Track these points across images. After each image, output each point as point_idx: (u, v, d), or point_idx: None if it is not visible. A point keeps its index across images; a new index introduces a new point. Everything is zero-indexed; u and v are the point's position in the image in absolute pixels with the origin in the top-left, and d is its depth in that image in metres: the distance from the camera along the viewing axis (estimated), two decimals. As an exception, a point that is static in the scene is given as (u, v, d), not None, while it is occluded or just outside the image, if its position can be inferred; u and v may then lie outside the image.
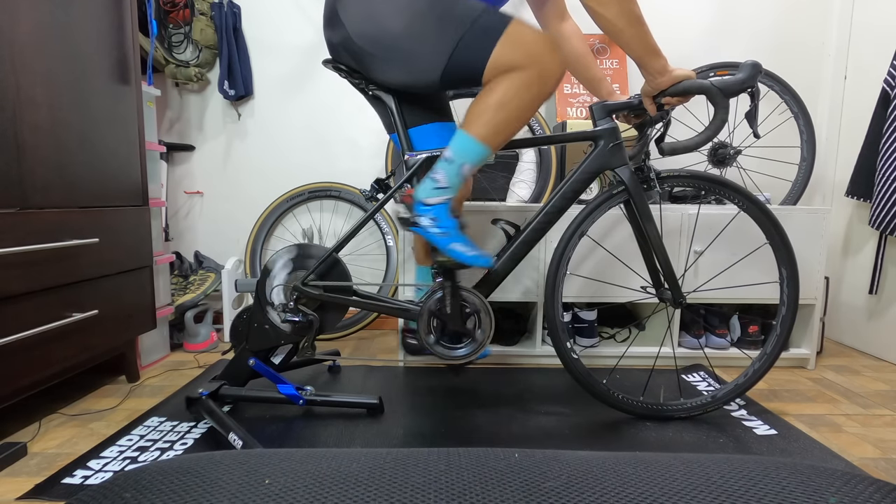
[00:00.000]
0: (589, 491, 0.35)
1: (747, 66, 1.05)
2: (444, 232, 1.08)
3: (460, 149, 1.06)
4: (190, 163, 2.09)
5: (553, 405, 1.35)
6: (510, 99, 1.01)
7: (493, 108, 1.02)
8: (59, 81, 1.19)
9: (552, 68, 1.01)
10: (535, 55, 0.99)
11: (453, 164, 1.06)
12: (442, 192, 1.07)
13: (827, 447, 1.15)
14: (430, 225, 1.08)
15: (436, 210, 1.08)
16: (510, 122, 1.03)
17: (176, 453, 1.09)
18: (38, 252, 1.13)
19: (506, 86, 1.01)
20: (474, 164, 1.07)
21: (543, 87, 1.02)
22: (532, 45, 1.00)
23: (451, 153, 1.07)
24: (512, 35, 1.00)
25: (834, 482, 0.35)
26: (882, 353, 1.82)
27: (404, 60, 1.04)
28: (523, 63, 1.00)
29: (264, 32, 2.03)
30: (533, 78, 1.00)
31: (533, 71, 1.00)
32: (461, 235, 1.09)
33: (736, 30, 2.07)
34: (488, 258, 1.09)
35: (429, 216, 1.08)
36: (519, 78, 1.00)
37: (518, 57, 1.00)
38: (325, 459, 0.39)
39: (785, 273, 1.24)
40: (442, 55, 1.01)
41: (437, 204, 1.08)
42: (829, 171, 2.08)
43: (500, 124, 1.03)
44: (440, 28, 1.00)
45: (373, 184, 1.26)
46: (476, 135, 1.04)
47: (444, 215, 1.08)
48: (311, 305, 1.26)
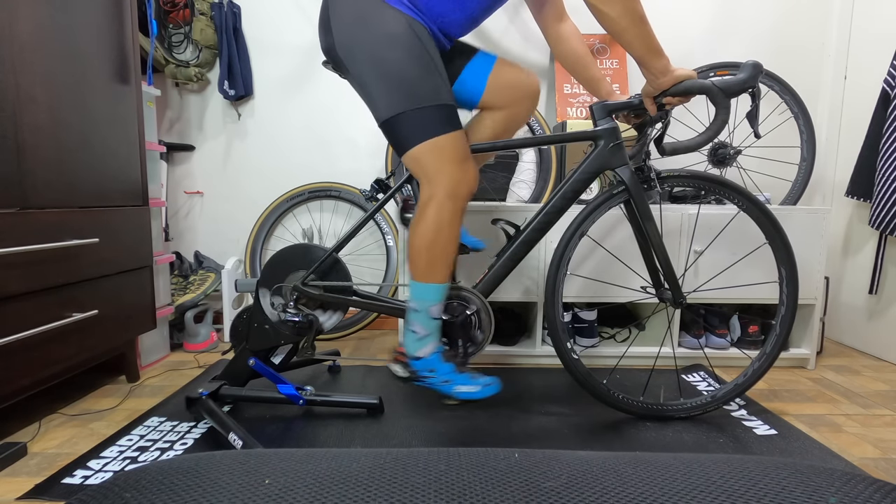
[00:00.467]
0: (589, 491, 0.35)
1: (748, 66, 1.05)
2: (444, 380, 1.11)
3: (416, 296, 1.10)
4: (190, 163, 2.09)
5: (553, 405, 1.35)
6: (431, 229, 1.06)
7: (423, 249, 1.07)
8: (59, 81, 1.19)
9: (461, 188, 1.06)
10: (444, 171, 1.04)
11: (421, 313, 1.10)
12: (426, 340, 1.11)
13: (827, 447, 1.15)
14: (430, 377, 1.12)
15: (430, 362, 1.11)
16: (444, 249, 1.08)
17: (176, 453, 1.09)
18: (38, 252, 1.13)
19: (422, 221, 1.06)
20: (438, 302, 1.11)
21: (456, 204, 1.06)
22: (449, 162, 1.04)
23: (413, 304, 1.11)
24: (438, 144, 1.04)
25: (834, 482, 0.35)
26: (882, 353, 1.82)
27: (366, 87, 1.07)
28: (433, 175, 1.05)
29: (264, 32, 2.03)
30: (442, 200, 1.05)
31: (440, 191, 1.05)
32: (461, 376, 1.12)
33: (736, 30, 2.07)
34: (493, 385, 1.13)
35: (426, 369, 1.12)
36: (430, 206, 1.05)
37: (433, 165, 1.05)
38: (325, 459, 0.39)
39: (784, 273, 1.24)
40: (387, 110, 1.05)
41: (428, 355, 1.11)
42: (829, 171, 2.08)
43: (435, 259, 1.07)
44: (398, 88, 1.03)
45: (373, 184, 1.26)
46: (421, 279, 1.09)
47: (439, 364, 1.12)
48: (312, 305, 1.26)
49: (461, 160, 1.06)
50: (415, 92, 1.02)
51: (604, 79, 1.27)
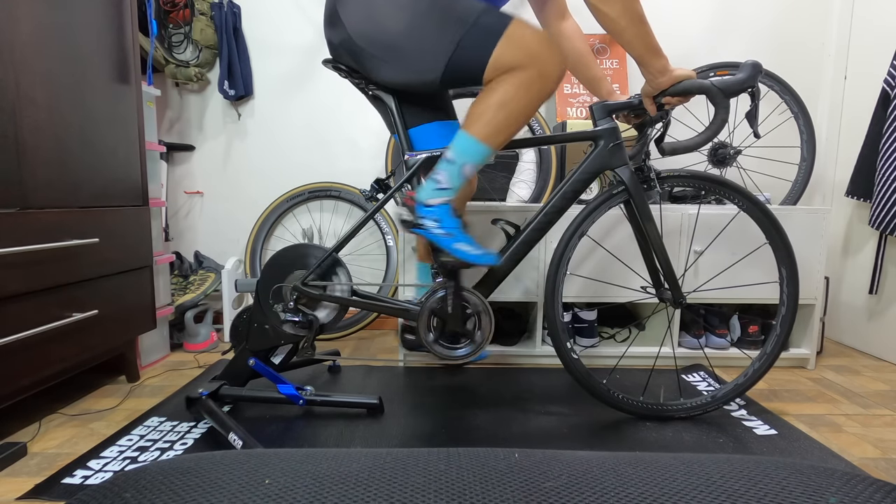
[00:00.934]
0: (589, 491, 0.35)
1: (747, 66, 1.05)
2: (447, 232, 1.07)
3: (461, 149, 1.06)
4: (190, 163, 2.09)
5: (553, 405, 1.35)
6: (511, 98, 1.01)
7: (493, 107, 1.02)
8: (59, 81, 1.19)
9: (552, 68, 1.01)
10: (535, 55, 1.00)
11: (454, 165, 1.06)
12: (444, 192, 1.07)
13: (827, 447, 1.15)
14: (433, 226, 1.08)
15: (438, 211, 1.08)
16: (511, 122, 1.03)
17: (176, 453, 1.09)
18: (38, 252, 1.13)
19: (506, 86, 1.02)
20: (476, 164, 1.07)
21: (544, 87, 1.02)
22: (532, 44, 1.00)
23: (452, 154, 1.07)
24: (512, 35, 1.00)
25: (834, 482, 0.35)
26: (882, 353, 1.82)
27: (404, 60, 1.04)
28: (524, 63, 1.00)
29: (264, 32, 2.03)
30: (533, 77, 1.00)
31: (533, 70, 1.00)
32: (465, 235, 1.09)
33: (736, 30, 2.07)
34: (493, 255, 1.09)
35: (431, 217, 1.08)
36: (519, 78, 1.01)
37: (518, 57, 1.00)
38: (325, 459, 0.39)
39: (785, 273, 1.24)
40: (442, 56, 1.02)
41: (439, 205, 1.08)
42: (829, 171, 2.08)
43: (500, 124, 1.03)
44: (440, 28, 1.00)
45: (373, 184, 1.26)
46: (477, 135, 1.04)
47: (447, 216, 1.08)
48: (312, 305, 1.26)
49: (544, 36, 1.01)
50: (460, 14, 1.00)
51: (605, 78, 1.27)
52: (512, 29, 1.00)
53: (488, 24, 1.00)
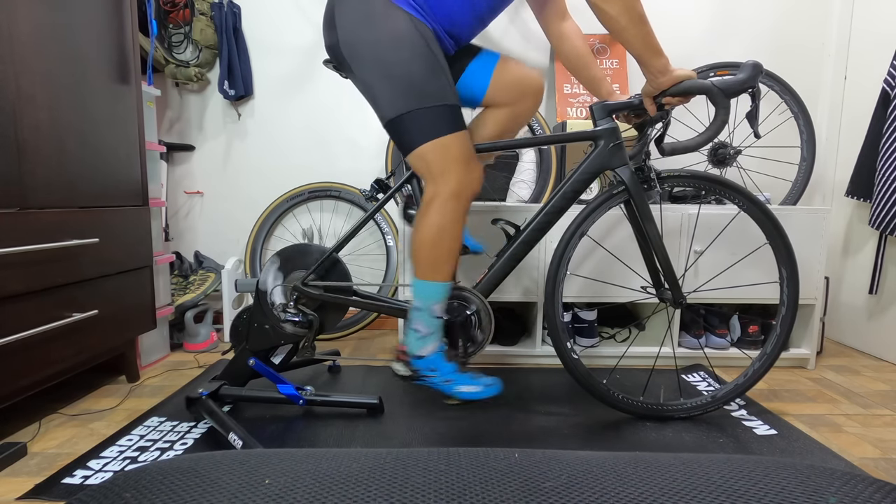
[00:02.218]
0: (589, 491, 0.35)
1: (748, 66, 1.05)
2: (446, 380, 1.11)
3: (420, 295, 1.11)
4: (190, 163, 2.09)
5: (553, 405, 1.35)
6: (434, 228, 1.06)
7: (426, 246, 1.07)
8: (59, 81, 1.19)
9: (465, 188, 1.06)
10: (450, 171, 1.05)
11: (423, 311, 1.11)
12: (428, 340, 1.12)
13: (827, 447, 1.15)
14: (431, 376, 1.12)
15: (432, 361, 1.12)
16: (447, 248, 1.08)
17: (176, 453, 1.09)
18: (38, 252, 1.13)
19: (426, 219, 1.06)
20: (440, 301, 1.11)
21: (459, 205, 1.07)
22: (453, 162, 1.05)
23: (416, 302, 1.11)
24: (443, 144, 1.04)
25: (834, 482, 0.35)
26: (882, 353, 1.82)
27: (370, 88, 1.07)
28: (437, 174, 1.05)
29: (264, 32, 2.03)
30: (446, 196, 1.05)
31: (444, 189, 1.05)
32: (462, 376, 1.12)
33: (736, 30, 2.07)
34: (494, 387, 1.13)
35: (428, 368, 1.12)
36: (435, 203, 1.06)
37: (437, 164, 1.05)
38: (325, 459, 0.39)
39: (785, 273, 1.24)
40: (392, 110, 1.05)
41: (430, 354, 1.12)
42: (829, 171, 2.08)
43: (438, 256, 1.08)
44: (404, 88, 1.03)
45: (373, 184, 1.26)
46: (424, 277, 1.09)
47: (441, 363, 1.12)
48: (311, 305, 1.26)
49: (466, 160, 1.06)
50: (420, 92, 1.02)
51: (605, 78, 1.27)
52: (447, 139, 1.04)
53: (434, 120, 1.04)
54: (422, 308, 1.10)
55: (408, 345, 1.13)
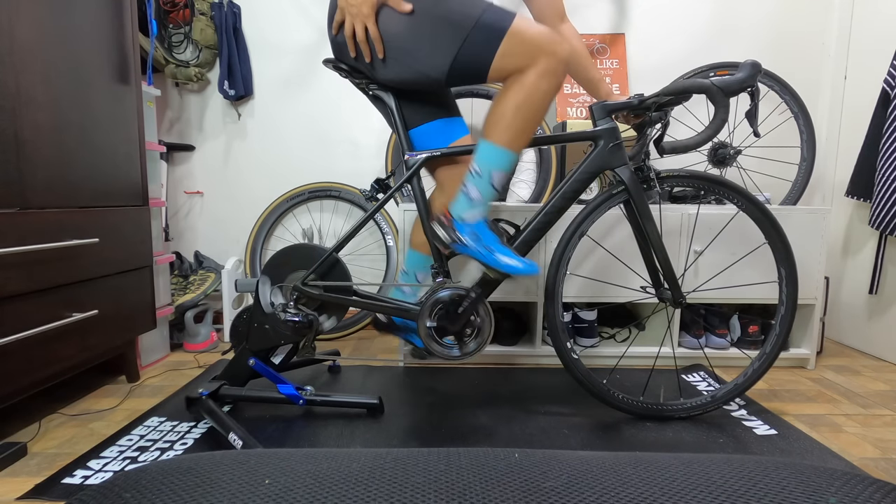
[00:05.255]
0: (589, 491, 0.35)
1: (747, 65, 1.05)
2: (487, 247, 1.08)
3: (487, 159, 1.06)
4: (190, 163, 2.09)
5: (553, 405, 1.35)
6: (524, 100, 1.02)
7: (510, 111, 1.03)
8: (59, 81, 1.19)
9: (558, 62, 1.02)
10: (540, 51, 1.00)
11: (483, 177, 1.07)
12: (477, 207, 1.08)
13: (827, 447, 1.15)
14: (472, 243, 1.08)
15: (476, 227, 1.08)
16: (529, 122, 1.04)
17: (176, 453, 1.09)
18: (38, 252, 1.13)
19: (517, 87, 1.02)
20: (504, 172, 1.07)
21: (553, 81, 1.03)
22: (537, 41, 1.01)
23: (478, 166, 1.07)
24: (516, 32, 1.01)
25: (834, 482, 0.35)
26: (882, 353, 1.82)
27: (408, 59, 1.05)
28: (529, 60, 1.01)
29: (264, 32, 2.03)
30: (541, 73, 1.01)
31: (540, 66, 1.01)
32: (504, 247, 1.09)
33: (736, 30, 2.07)
34: (535, 265, 1.09)
35: (470, 234, 1.08)
36: (528, 77, 1.01)
37: (524, 54, 1.01)
38: (325, 459, 0.39)
39: (784, 273, 1.24)
40: (447, 54, 1.02)
41: (475, 220, 1.08)
42: (829, 171, 2.08)
43: (519, 126, 1.04)
44: (444, 27, 1.01)
45: (373, 184, 1.26)
46: (499, 142, 1.05)
47: (485, 230, 1.09)
48: (311, 305, 1.25)
49: (543, 32, 1.02)
50: (463, 13, 1.00)
51: (603, 80, 1.27)
52: (516, 26, 1.01)
53: (491, 22, 1.01)
54: (482, 173, 1.06)
55: (454, 207, 1.09)
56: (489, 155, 1.06)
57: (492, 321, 1.19)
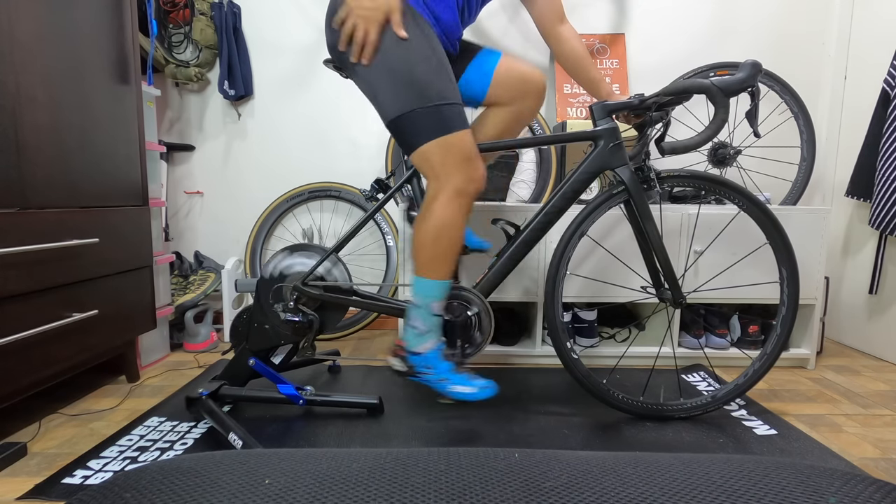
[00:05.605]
0: (589, 491, 0.35)
1: (747, 65, 1.05)
2: (441, 378, 1.12)
3: (419, 293, 1.11)
4: (190, 163, 2.09)
5: (553, 405, 1.35)
6: (436, 226, 1.06)
7: (427, 244, 1.07)
8: (59, 81, 1.19)
9: (467, 185, 1.06)
10: (455, 168, 1.04)
11: (422, 308, 1.11)
12: (426, 337, 1.12)
13: (827, 447, 1.15)
14: (427, 373, 1.12)
15: (428, 358, 1.12)
16: (448, 246, 1.08)
17: (176, 453, 1.09)
18: (38, 252, 1.13)
19: (429, 215, 1.06)
20: (440, 299, 1.11)
21: (463, 202, 1.07)
22: (457, 160, 1.04)
23: (415, 299, 1.11)
24: (448, 142, 1.04)
25: (834, 482, 0.35)
26: (882, 353, 1.82)
27: (372, 85, 1.07)
28: (441, 172, 1.05)
29: (264, 32, 2.03)
30: (450, 194, 1.05)
31: (449, 187, 1.05)
32: (458, 376, 1.12)
33: (736, 30, 2.07)
34: (489, 388, 1.12)
35: (423, 365, 1.12)
36: (438, 200, 1.06)
37: (440, 163, 1.05)
38: (325, 459, 0.39)
39: (785, 273, 1.24)
40: (394, 109, 1.05)
41: (427, 351, 1.12)
42: (829, 171, 2.08)
43: (439, 254, 1.08)
44: (406, 88, 1.03)
45: (373, 184, 1.26)
46: (425, 275, 1.09)
47: (437, 361, 1.12)
48: (311, 305, 1.26)
49: (469, 159, 1.06)
50: (423, 91, 1.02)
51: (603, 80, 1.27)
52: (451, 138, 1.04)
53: (437, 119, 1.03)
54: (420, 305, 1.11)
55: (405, 341, 1.13)
56: (420, 288, 1.11)
57: (492, 321, 1.19)
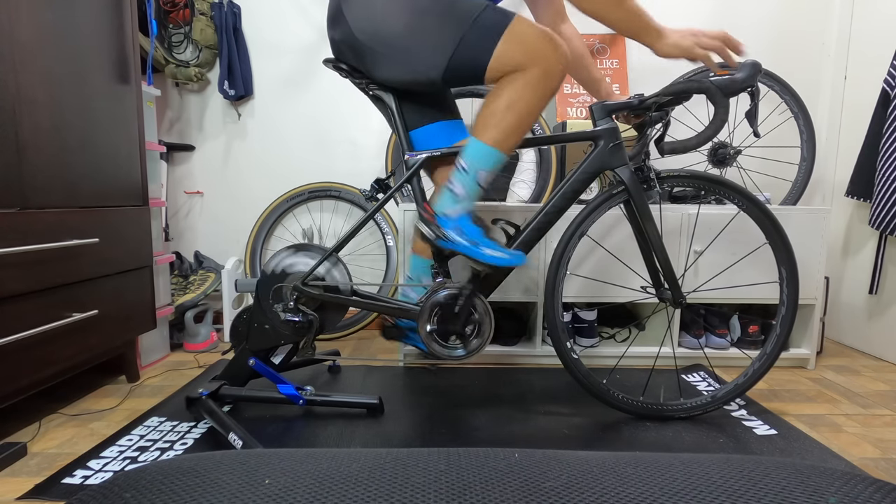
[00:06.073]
0: (589, 491, 0.35)
1: (747, 65, 1.05)
2: (472, 241, 1.07)
3: (474, 157, 1.06)
4: (190, 163, 2.09)
5: (553, 405, 1.35)
6: (517, 100, 1.01)
7: (501, 111, 1.02)
8: (59, 81, 1.19)
9: (555, 65, 1.01)
10: (537, 53, 1.00)
11: (469, 174, 1.06)
12: (461, 203, 1.08)
13: (827, 447, 1.15)
14: (456, 237, 1.07)
15: (459, 221, 1.08)
16: (520, 124, 1.04)
17: (176, 453, 1.09)
18: (38, 252, 1.13)
19: (511, 87, 1.02)
20: (490, 171, 1.07)
21: (549, 84, 1.02)
22: (534, 42, 1.00)
23: (465, 163, 1.06)
24: (514, 33, 1.00)
25: (834, 482, 0.35)
26: (882, 353, 1.82)
27: (406, 58, 1.04)
28: (526, 62, 1.00)
29: (264, 32, 2.03)
30: (538, 76, 1.00)
31: (537, 69, 1.00)
32: (489, 240, 1.08)
33: (736, 29, 2.07)
34: (521, 255, 1.08)
35: (454, 228, 1.08)
36: (524, 78, 1.01)
37: (521, 55, 1.00)
38: (325, 459, 0.39)
39: (785, 273, 1.24)
40: (444, 53, 1.02)
41: (458, 215, 1.08)
42: (829, 171, 2.08)
43: (510, 127, 1.03)
44: (442, 26, 1.00)
45: (373, 184, 1.26)
46: (488, 140, 1.04)
47: (469, 224, 1.08)
48: (311, 305, 1.25)
49: (545, 32, 1.01)
50: (462, 12, 1.00)
51: (603, 80, 1.27)
52: (513, 26, 1.00)
53: (490, 22, 1.00)
54: (468, 170, 1.06)
55: (438, 204, 1.09)
56: (477, 153, 1.05)
57: (492, 320, 1.19)
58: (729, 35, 1.03)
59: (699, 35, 1.04)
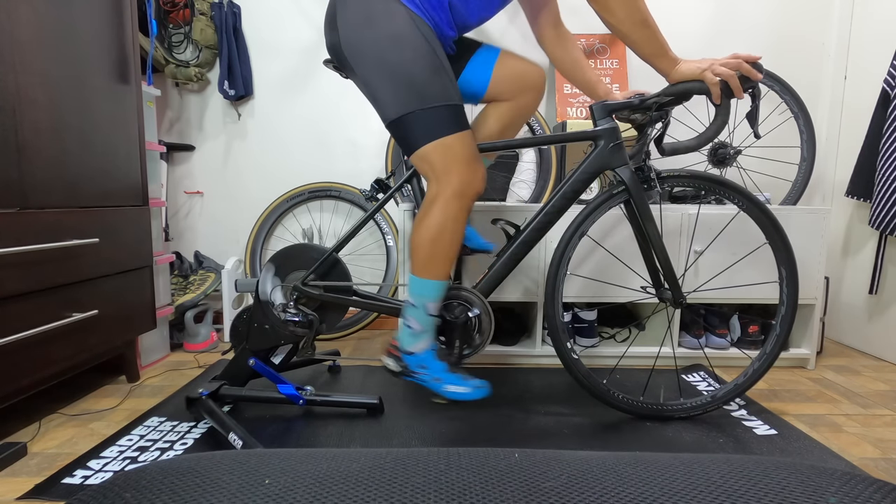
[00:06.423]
0: (589, 491, 0.35)
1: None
2: (435, 378, 1.11)
3: (416, 292, 1.10)
4: (190, 163, 2.09)
5: (553, 405, 1.35)
6: (435, 226, 1.05)
7: (425, 243, 1.07)
8: (59, 81, 1.19)
9: (468, 189, 1.06)
10: (454, 172, 1.04)
11: (418, 308, 1.10)
12: (420, 337, 1.11)
13: (827, 447, 1.15)
14: (421, 373, 1.12)
15: (423, 358, 1.11)
16: (446, 247, 1.07)
17: (176, 453, 1.09)
18: (38, 252, 1.13)
19: (425, 215, 1.06)
20: (436, 300, 1.11)
21: (461, 205, 1.06)
22: (457, 163, 1.04)
23: (411, 298, 1.11)
24: (446, 145, 1.04)
25: (834, 482, 0.35)
26: (882, 353, 1.82)
27: (372, 88, 1.07)
28: (442, 175, 1.05)
29: (264, 32, 2.03)
30: (449, 195, 1.05)
31: (447, 189, 1.05)
32: (452, 376, 1.12)
33: (736, 29, 2.07)
34: (483, 389, 1.12)
35: (418, 365, 1.12)
36: (437, 203, 1.05)
37: (441, 166, 1.04)
38: (325, 459, 0.39)
39: (784, 273, 1.24)
40: (394, 110, 1.05)
41: (421, 351, 1.11)
42: (829, 171, 2.08)
43: (437, 254, 1.07)
44: (405, 89, 1.03)
45: (373, 184, 1.26)
46: (421, 274, 1.09)
47: (431, 361, 1.12)
48: (311, 305, 1.26)
49: (469, 160, 1.06)
50: (423, 92, 1.02)
51: (600, 80, 1.27)
52: (449, 140, 1.04)
53: (437, 120, 1.03)
54: (416, 305, 1.10)
55: (400, 340, 1.13)
56: (416, 287, 1.10)
57: (492, 321, 1.19)
58: (742, 62, 1.04)
59: (713, 63, 1.05)
